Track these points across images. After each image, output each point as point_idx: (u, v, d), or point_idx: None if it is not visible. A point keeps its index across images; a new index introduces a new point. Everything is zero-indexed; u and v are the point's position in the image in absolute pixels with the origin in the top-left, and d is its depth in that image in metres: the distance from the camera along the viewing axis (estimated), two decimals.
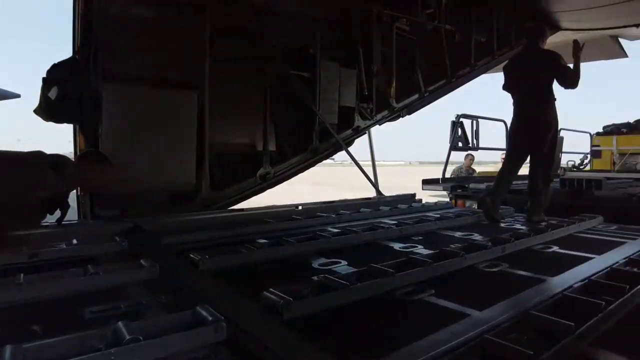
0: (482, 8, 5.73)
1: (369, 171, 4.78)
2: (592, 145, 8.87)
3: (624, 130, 8.85)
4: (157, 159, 3.27)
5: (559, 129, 3.96)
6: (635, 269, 1.90)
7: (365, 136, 4.87)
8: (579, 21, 6.68)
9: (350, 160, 4.64)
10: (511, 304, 1.53)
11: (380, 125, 4.83)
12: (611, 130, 9.01)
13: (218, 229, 2.81)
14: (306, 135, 4.21)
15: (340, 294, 1.54)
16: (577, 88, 3.55)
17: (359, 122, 4.59)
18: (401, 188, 5.10)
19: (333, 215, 3.44)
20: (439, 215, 3.55)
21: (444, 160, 6.08)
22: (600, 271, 1.93)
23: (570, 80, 3.50)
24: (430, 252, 2.31)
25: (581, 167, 9.11)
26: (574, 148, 8.81)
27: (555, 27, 6.76)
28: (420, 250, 2.47)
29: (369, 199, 4.30)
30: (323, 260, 2.20)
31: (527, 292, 1.66)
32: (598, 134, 9.04)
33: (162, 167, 3.31)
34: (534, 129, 3.62)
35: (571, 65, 3.56)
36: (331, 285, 1.59)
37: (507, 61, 3.88)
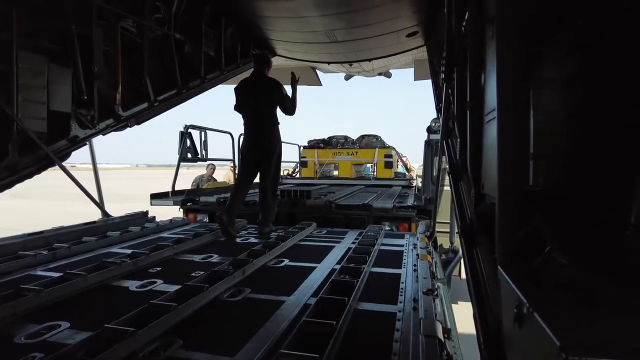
0: (211, 23, 5.86)
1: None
2: (300, 157, 10.56)
3: (322, 145, 10.93)
4: None
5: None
6: (347, 277, 2.31)
7: None
8: (289, 51, 7.79)
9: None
10: (261, 341, 1.58)
11: (104, 135, 4.21)
12: (313, 145, 10.93)
13: None
14: (1, 146, 3.22)
15: None
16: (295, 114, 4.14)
17: (76, 131, 3.84)
18: (134, 198, 4.64)
19: (45, 252, 2.75)
20: (176, 238, 3.39)
21: (173, 163, 5.89)
22: (324, 283, 2.26)
23: (290, 108, 4.03)
24: (172, 288, 2.17)
25: (293, 174, 10.70)
26: (287, 158, 10.28)
27: (272, 52, 7.69)
28: (161, 286, 2.27)
29: (94, 223, 3.68)
30: (33, 328, 1.68)
31: (272, 322, 1.76)
32: (305, 147, 10.80)
33: None
34: (263, 148, 3.96)
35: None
36: None
37: (238, 83, 4.07)
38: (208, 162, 7.11)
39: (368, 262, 2.65)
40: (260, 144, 3.96)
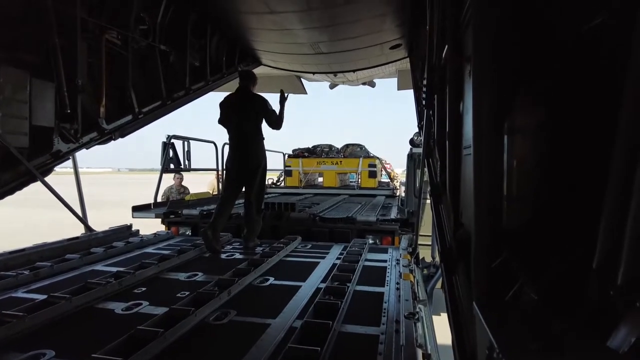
0: (196, 33, 5.86)
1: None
2: (285, 166, 10.56)
3: (306, 154, 10.95)
4: None
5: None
6: (332, 298, 2.36)
7: None
8: (274, 61, 7.85)
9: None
10: None
11: (88, 149, 4.18)
12: (298, 154, 10.94)
13: None
14: None
15: None
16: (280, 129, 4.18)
17: (59, 145, 3.81)
18: (115, 205, 4.60)
19: (26, 272, 2.72)
20: (160, 254, 3.38)
21: (156, 167, 5.86)
22: (309, 303, 2.30)
23: (276, 123, 4.08)
24: (158, 310, 2.19)
25: (278, 183, 10.70)
26: (272, 166, 10.27)
27: (258, 62, 7.75)
28: (146, 308, 2.28)
29: (76, 238, 3.65)
30: (17, 357, 1.66)
31: (258, 347, 1.80)
32: (289, 156, 10.81)
33: None
34: (247, 165, 4.00)
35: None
36: None
37: (223, 99, 4.10)
38: (173, 173, 6.99)
39: (352, 281, 2.71)
40: (244, 161, 3.99)
